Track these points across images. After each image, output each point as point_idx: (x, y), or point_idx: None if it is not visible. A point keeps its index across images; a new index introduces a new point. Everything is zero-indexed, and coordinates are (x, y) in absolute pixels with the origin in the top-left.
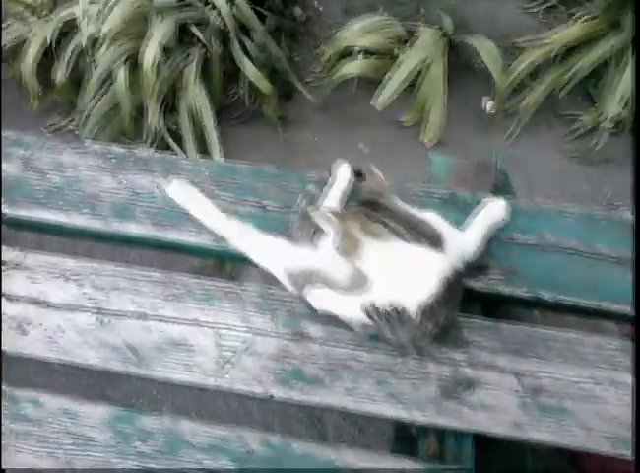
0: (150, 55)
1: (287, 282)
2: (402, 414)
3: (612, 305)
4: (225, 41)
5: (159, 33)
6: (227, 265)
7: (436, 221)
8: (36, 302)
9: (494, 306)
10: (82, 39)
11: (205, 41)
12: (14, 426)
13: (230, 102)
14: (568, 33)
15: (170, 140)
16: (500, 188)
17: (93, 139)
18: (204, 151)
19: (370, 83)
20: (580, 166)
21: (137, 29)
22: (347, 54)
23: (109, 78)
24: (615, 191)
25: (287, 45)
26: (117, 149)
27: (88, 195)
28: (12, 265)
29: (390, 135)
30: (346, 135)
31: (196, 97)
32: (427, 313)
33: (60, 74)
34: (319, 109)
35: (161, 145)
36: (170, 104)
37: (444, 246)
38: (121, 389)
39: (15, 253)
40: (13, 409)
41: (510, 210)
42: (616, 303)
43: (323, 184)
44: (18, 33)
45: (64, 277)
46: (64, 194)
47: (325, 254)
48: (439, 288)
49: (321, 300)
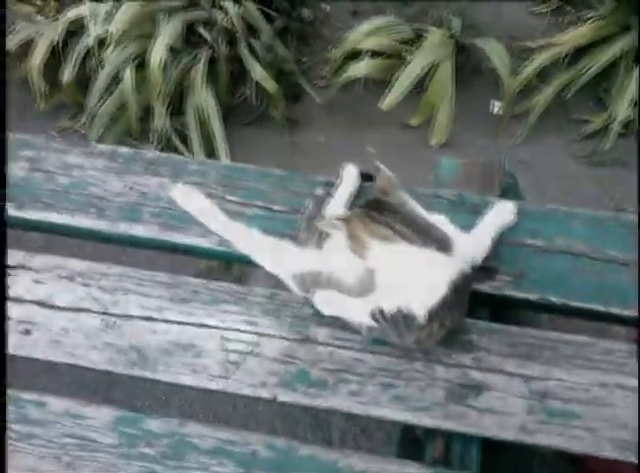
0: (157, 56)
1: (293, 285)
2: (408, 417)
3: (621, 310)
4: (233, 42)
5: (166, 34)
6: (234, 267)
7: (444, 224)
8: (42, 303)
9: (503, 310)
10: (89, 40)
11: (212, 42)
12: (18, 428)
13: (238, 104)
14: (577, 34)
15: (177, 141)
16: (508, 190)
17: (99, 140)
18: (211, 152)
19: (378, 85)
20: (588, 168)
21: (144, 29)
22: (354, 56)
23: (116, 79)
24: (624, 194)
25: (294, 47)
26: (124, 150)
27: (94, 197)
28: (18, 267)
29: (397, 137)
30: (353, 137)
31: (203, 98)
32: (434, 316)
33: (67, 75)
34: (327, 111)
35: (168, 146)
36: (177, 105)
37: (452, 250)
38: (127, 391)
39: (21, 255)
40: (17, 411)
41: (518, 213)
42: (625, 307)
43: (330, 187)
44: (25, 34)
45: (70, 279)
46: (71, 196)
47: (332, 257)
48: (446, 291)
49: (327, 302)
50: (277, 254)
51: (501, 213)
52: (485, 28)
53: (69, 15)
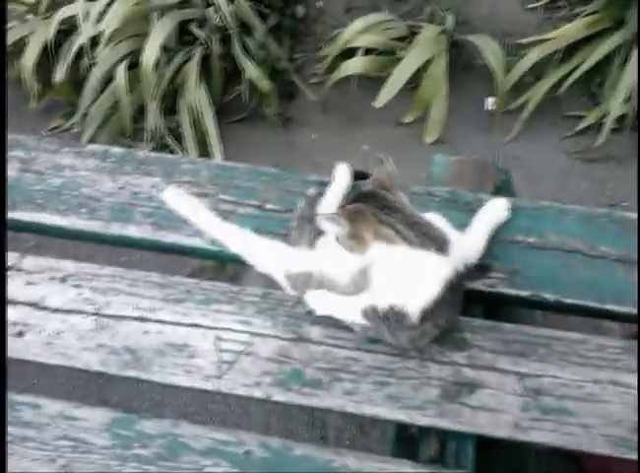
0: (150, 55)
1: (285, 284)
2: (402, 416)
3: (615, 306)
4: (226, 40)
5: (159, 33)
6: (228, 267)
7: (440, 222)
8: (35, 305)
9: (496, 308)
10: (81, 39)
11: (205, 40)
12: (12, 431)
13: (231, 102)
14: (570, 30)
15: (171, 140)
16: (502, 187)
17: (92, 139)
18: (204, 150)
19: (372, 82)
20: (581, 164)
21: (137, 28)
22: (348, 53)
23: (109, 78)
24: (617, 189)
25: (288, 45)
26: (115, 150)
27: (86, 197)
28: (11, 268)
29: (391, 134)
30: (347, 134)
31: (196, 96)
32: (428, 316)
33: (59, 74)
34: (320, 109)
35: (162, 145)
36: (171, 104)
37: (449, 250)
38: (122, 392)
39: (13, 256)
40: (12, 414)
41: (511, 210)
42: (619, 303)
43: (323, 186)
44: (17, 34)
45: (62, 280)
46: (62, 196)
47: (324, 256)
48: (441, 291)
49: (319, 302)
50: (269, 254)
51: (495, 210)
52: (479, 24)
53: (61, 14)
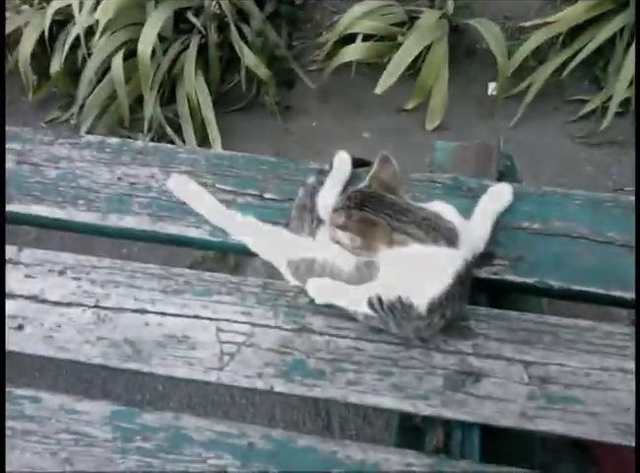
0: (146, 44)
1: (287, 272)
2: (406, 406)
3: (622, 292)
4: (223, 28)
5: (155, 22)
6: (230, 257)
7: (447, 212)
8: (34, 298)
9: (501, 295)
10: (77, 29)
11: (202, 29)
12: (13, 424)
13: (230, 91)
14: (572, 12)
15: (169, 129)
16: (505, 173)
17: (90, 130)
18: (203, 139)
19: (372, 69)
20: (585, 148)
21: (133, 17)
22: (347, 40)
23: (106, 68)
24: (622, 174)
25: (286, 32)
26: (112, 141)
27: (83, 188)
28: (9, 262)
29: (392, 121)
30: (347, 122)
31: (194, 85)
32: (435, 308)
33: (56, 65)
34: (320, 96)
35: (160, 134)
36: (168, 93)
37: (458, 242)
38: (124, 384)
39: (11, 250)
40: (13, 407)
41: (515, 196)
42: (626, 289)
43: (322, 174)
44: (12, 25)
45: (61, 273)
46: (59, 188)
47: (327, 245)
48: (451, 284)
49: (321, 290)
50: (271, 242)
51: (499, 196)
52: (479, 8)
53: (55, 4)
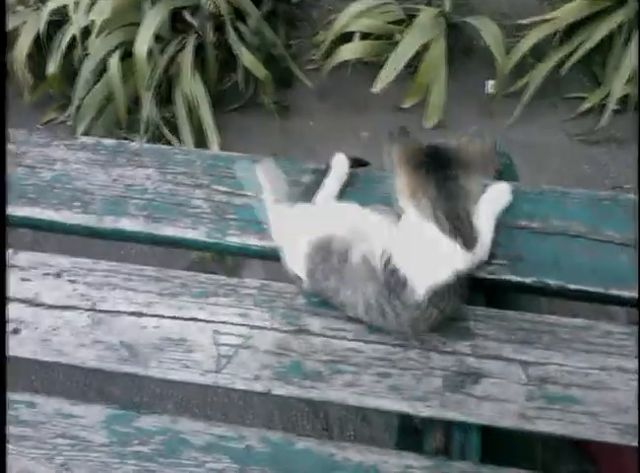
0: (143, 45)
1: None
2: (404, 407)
3: (620, 291)
4: (220, 28)
5: (151, 22)
6: (228, 258)
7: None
8: (30, 302)
9: (499, 295)
10: (73, 30)
11: (199, 28)
12: (9, 430)
13: (227, 91)
14: (571, 9)
15: (166, 130)
16: (504, 171)
17: (87, 131)
18: (201, 140)
19: (370, 67)
20: (584, 146)
21: (129, 17)
22: (345, 38)
23: (103, 68)
24: (620, 172)
25: (284, 31)
26: (108, 142)
27: (79, 190)
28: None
29: (391, 120)
30: (345, 121)
31: (191, 85)
32: (434, 299)
33: (52, 66)
34: (318, 95)
35: (157, 135)
36: (166, 94)
37: (473, 250)
38: (122, 387)
39: (7, 253)
40: (8, 412)
41: (514, 194)
42: (624, 288)
43: (320, 175)
44: (9, 26)
45: (56, 276)
46: (55, 190)
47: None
48: (451, 278)
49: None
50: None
51: (498, 197)
52: (477, 5)
53: (51, 4)
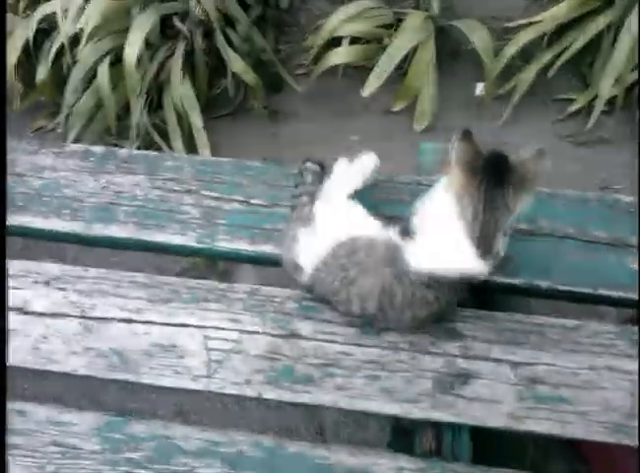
0: (132, 51)
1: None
2: (395, 409)
3: (609, 291)
4: (209, 34)
5: (140, 28)
6: (219, 264)
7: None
8: (20, 310)
9: (488, 296)
10: (61, 37)
11: (188, 34)
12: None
13: (217, 96)
14: (558, 11)
15: (157, 136)
16: None
17: (77, 138)
18: (191, 146)
19: (359, 71)
20: (572, 147)
21: (118, 24)
22: (334, 43)
23: (92, 75)
24: (609, 172)
25: (273, 36)
26: (96, 149)
27: (68, 198)
28: None
29: (380, 123)
30: (335, 125)
31: (181, 91)
32: (434, 284)
33: (42, 73)
34: (307, 100)
35: (148, 142)
36: (156, 100)
37: (488, 262)
38: (115, 393)
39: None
40: None
41: None
42: (613, 287)
43: (317, 176)
44: None
45: (46, 283)
46: (44, 198)
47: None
48: (454, 277)
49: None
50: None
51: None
52: (465, 8)
53: (40, 11)
